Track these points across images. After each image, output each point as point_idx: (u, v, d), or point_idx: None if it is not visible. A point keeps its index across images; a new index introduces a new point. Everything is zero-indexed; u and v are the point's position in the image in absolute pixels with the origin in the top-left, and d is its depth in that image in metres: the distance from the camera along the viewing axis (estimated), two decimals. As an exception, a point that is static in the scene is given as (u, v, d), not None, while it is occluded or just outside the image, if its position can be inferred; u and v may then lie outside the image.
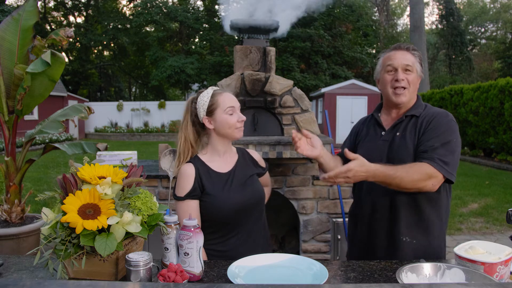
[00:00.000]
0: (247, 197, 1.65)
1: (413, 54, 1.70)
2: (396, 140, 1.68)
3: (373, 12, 30.04)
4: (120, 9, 31.85)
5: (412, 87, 1.69)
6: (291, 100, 3.64)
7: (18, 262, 1.43)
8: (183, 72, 22.99)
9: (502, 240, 4.63)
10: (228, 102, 1.65)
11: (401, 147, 1.64)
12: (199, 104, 1.67)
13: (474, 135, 11.35)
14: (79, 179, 1.27)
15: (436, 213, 1.66)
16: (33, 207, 4.96)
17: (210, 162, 1.68)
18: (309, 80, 21.74)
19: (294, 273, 1.35)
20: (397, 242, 1.66)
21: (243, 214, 1.64)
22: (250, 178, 1.71)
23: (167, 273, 1.21)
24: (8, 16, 3.01)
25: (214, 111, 1.65)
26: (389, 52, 1.75)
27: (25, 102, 2.81)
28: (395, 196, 1.65)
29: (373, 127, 1.81)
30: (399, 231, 1.65)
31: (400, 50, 1.71)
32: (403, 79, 1.67)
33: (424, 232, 1.65)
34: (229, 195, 1.62)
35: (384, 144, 1.71)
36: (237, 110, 1.67)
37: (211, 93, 1.67)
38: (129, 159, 3.07)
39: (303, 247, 3.66)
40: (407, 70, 1.67)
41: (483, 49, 33.46)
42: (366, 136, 1.82)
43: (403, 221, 1.65)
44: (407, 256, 1.63)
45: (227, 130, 1.65)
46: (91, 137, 21.29)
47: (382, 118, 1.80)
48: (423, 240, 1.65)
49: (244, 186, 1.67)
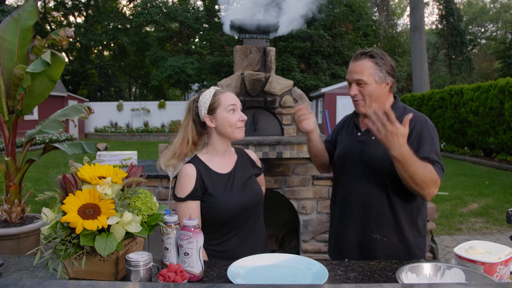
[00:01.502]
0: (247, 198, 1.66)
1: (373, 61, 1.65)
2: (371, 143, 1.70)
3: (373, 12, 30.04)
4: (120, 9, 31.85)
5: (369, 98, 1.67)
6: (291, 100, 3.64)
7: (18, 262, 1.43)
8: (183, 72, 22.99)
9: (502, 240, 4.63)
10: (229, 100, 1.64)
11: (376, 151, 1.66)
12: (200, 102, 1.67)
13: (474, 135, 11.35)
14: (79, 179, 1.27)
15: (408, 213, 1.69)
16: (33, 207, 4.96)
17: (210, 162, 1.68)
18: (309, 80, 21.75)
19: (294, 273, 1.35)
20: (369, 240, 1.70)
21: (243, 215, 1.65)
22: (249, 179, 1.72)
23: (167, 273, 1.21)
24: (8, 16, 3.01)
25: (216, 109, 1.64)
26: (351, 61, 1.73)
27: (25, 102, 2.81)
28: (368, 193, 1.69)
29: (351, 128, 1.85)
30: (371, 228, 1.69)
31: (355, 61, 1.69)
32: (356, 93, 1.69)
33: (395, 231, 1.68)
34: (230, 196, 1.62)
35: (359, 145, 1.74)
36: (238, 109, 1.66)
37: (213, 92, 1.67)
38: (129, 159, 3.07)
39: (303, 247, 3.66)
40: (359, 84, 1.67)
41: (483, 49, 33.47)
42: (345, 135, 1.86)
43: (375, 218, 1.68)
44: (379, 254, 1.67)
45: (227, 129, 1.64)
46: (91, 137, 21.29)
47: (360, 119, 1.82)
48: (394, 238, 1.68)
49: (244, 187, 1.68)
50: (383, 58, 1.67)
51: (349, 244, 1.75)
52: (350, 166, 1.75)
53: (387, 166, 1.60)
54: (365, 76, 1.65)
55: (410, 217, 1.69)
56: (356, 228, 1.73)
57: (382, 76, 1.66)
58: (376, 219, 1.69)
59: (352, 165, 1.75)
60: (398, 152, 1.45)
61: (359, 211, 1.71)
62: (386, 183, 1.66)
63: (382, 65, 1.66)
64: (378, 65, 1.65)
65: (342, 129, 1.92)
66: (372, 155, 1.68)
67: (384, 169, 1.63)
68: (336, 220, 1.84)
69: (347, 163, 1.77)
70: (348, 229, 1.75)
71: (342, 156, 1.81)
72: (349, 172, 1.77)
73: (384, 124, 1.44)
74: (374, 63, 1.65)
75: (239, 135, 1.66)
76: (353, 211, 1.73)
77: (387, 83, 1.68)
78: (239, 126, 1.65)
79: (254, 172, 1.77)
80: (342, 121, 1.97)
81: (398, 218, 1.68)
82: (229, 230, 1.64)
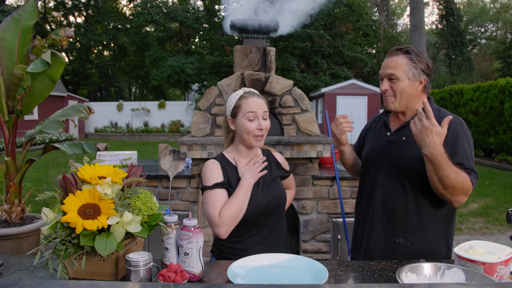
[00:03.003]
0: (270, 199, 1.65)
1: (408, 57, 1.61)
2: (401, 144, 1.66)
3: (373, 12, 30.03)
4: (120, 9, 31.85)
5: (400, 94, 1.62)
6: (291, 100, 3.64)
7: (18, 262, 1.43)
8: (183, 72, 22.99)
9: (502, 240, 4.63)
10: (250, 107, 1.61)
11: (405, 152, 1.62)
12: (228, 103, 1.68)
13: (474, 135, 11.35)
14: (79, 179, 1.27)
15: (436, 220, 1.63)
16: (33, 207, 4.96)
17: (235, 162, 1.68)
18: (309, 80, 21.74)
19: (294, 273, 1.35)
20: (392, 243, 1.66)
21: (264, 215, 1.64)
22: (273, 180, 1.71)
23: (167, 273, 1.21)
24: (8, 16, 3.01)
25: (237, 114, 1.64)
26: (386, 57, 1.70)
27: (25, 102, 2.81)
28: (393, 195, 1.65)
29: (380, 127, 1.80)
30: (394, 232, 1.65)
31: (391, 56, 1.64)
32: (386, 89, 1.64)
33: (420, 236, 1.63)
34: (253, 196, 1.61)
35: (388, 145, 1.70)
36: (259, 117, 1.62)
37: (240, 95, 1.66)
38: (129, 159, 3.07)
39: (303, 247, 3.65)
40: (391, 79, 1.62)
41: (483, 49, 33.47)
42: (373, 135, 1.82)
43: (399, 222, 1.64)
44: (401, 258, 1.62)
45: (244, 136, 1.63)
46: (91, 137, 21.29)
47: (391, 119, 1.77)
48: (419, 244, 1.63)
49: (267, 188, 1.67)
50: (419, 55, 1.62)
51: (372, 246, 1.71)
52: (377, 166, 1.71)
53: (416, 168, 1.56)
54: (398, 71, 1.60)
55: (438, 224, 1.63)
56: (380, 230, 1.68)
57: (416, 73, 1.60)
58: (400, 222, 1.64)
59: (378, 165, 1.70)
60: (430, 151, 1.41)
61: (383, 213, 1.67)
62: (415, 185, 1.60)
63: (417, 62, 1.60)
64: (413, 62, 1.60)
65: (371, 128, 1.88)
66: (401, 155, 1.63)
67: (413, 170, 1.58)
68: (361, 220, 1.79)
69: (373, 162, 1.73)
70: (371, 230, 1.71)
71: (369, 155, 1.77)
72: (375, 172, 1.72)
73: (420, 119, 1.41)
74: (409, 59, 1.60)
75: (256, 143, 1.63)
76: (376, 213, 1.69)
77: (421, 82, 1.62)
78: (257, 134, 1.61)
79: (279, 174, 1.76)
80: (372, 120, 1.93)
81: (424, 224, 1.61)
82: (249, 229, 1.63)
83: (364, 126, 1.96)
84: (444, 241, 1.66)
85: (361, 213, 1.80)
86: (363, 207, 1.79)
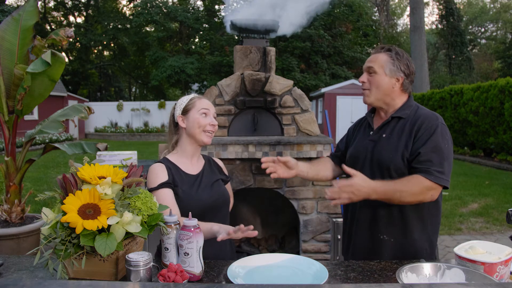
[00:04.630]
0: (215, 197, 1.71)
1: (388, 54, 1.68)
2: (382, 141, 1.69)
3: (373, 12, 30.04)
4: (120, 9, 31.85)
5: (375, 88, 1.68)
6: (291, 100, 3.64)
7: (18, 262, 1.43)
8: (183, 72, 22.98)
9: (502, 240, 4.63)
10: (204, 105, 1.73)
11: (386, 149, 1.66)
12: (178, 104, 1.77)
13: (474, 135, 11.35)
14: (79, 179, 1.27)
15: (418, 215, 1.66)
16: (33, 207, 4.96)
17: (179, 163, 1.73)
18: (309, 80, 21.74)
19: (294, 273, 1.35)
20: (377, 241, 1.69)
21: (209, 213, 1.68)
22: (216, 182, 1.77)
23: (167, 273, 1.21)
24: (8, 16, 3.01)
25: (189, 111, 1.72)
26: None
27: (25, 102, 2.81)
28: None
29: (364, 128, 1.84)
30: (379, 229, 1.68)
31: (374, 53, 1.74)
32: (364, 81, 1.71)
33: (403, 232, 1.66)
34: (197, 194, 1.67)
35: (370, 144, 1.73)
36: (211, 115, 1.73)
37: (192, 97, 1.77)
38: (129, 159, 3.06)
39: (303, 247, 3.66)
40: (370, 72, 1.69)
41: (483, 49, 33.47)
42: (358, 135, 1.86)
43: (383, 219, 1.67)
44: (386, 256, 1.66)
45: (196, 130, 1.70)
46: (91, 137, 21.29)
47: (374, 118, 1.82)
48: (402, 240, 1.66)
49: (211, 188, 1.73)
50: (400, 54, 1.69)
51: (358, 243, 1.75)
52: (361, 165, 1.73)
53: (396, 163, 1.61)
54: (376, 65, 1.67)
55: (421, 220, 1.66)
56: (365, 228, 1.71)
57: (393, 70, 1.66)
58: (384, 219, 1.67)
59: (362, 164, 1.74)
60: (374, 195, 1.51)
61: (368, 210, 1.70)
62: (385, 177, 1.64)
63: (396, 60, 1.67)
64: (392, 59, 1.67)
65: (356, 129, 1.92)
66: (381, 152, 1.67)
67: (393, 167, 1.62)
68: (349, 219, 1.82)
69: (358, 161, 1.76)
70: (357, 229, 1.74)
71: (354, 154, 1.80)
72: (360, 170, 1.70)
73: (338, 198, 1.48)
74: (389, 56, 1.68)
75: (206, 139, 1.71)
76: (361, 211, 1.72)
77: (398, 79, 1.67)
78: (208, 129, 1.71)
79: (221, 177, 1.82)
80: (358, 121, 1.97)
81: (407, 220, 1.65)
82: None
83: (350, 127, 1.99)
84: (427, 237, 1.68)
85: (348, 212, 1.83)
86: (350, 206, 1.82)
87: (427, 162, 1.55)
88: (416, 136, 1.60)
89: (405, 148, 1.61)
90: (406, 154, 1.60)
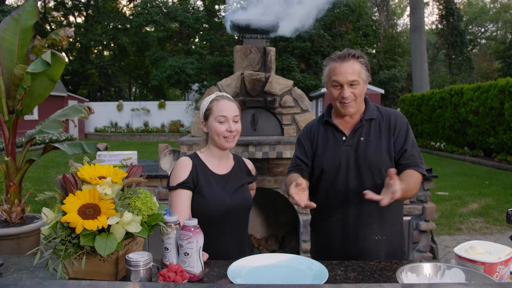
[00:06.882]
0: (237, 202, 1.69)
1: (359, 61, 1.65)
2: (362, 145, 1.68)
3: (373, 12, 30.02)
4: (120, 9, 31.83)
5: (359, 98, 1.68)
6: (291, 100, 3.64)
7: (18, 262, 1.43)
8: (183, 72, 22.98)
9: (502, 240, 4.63)
10: (220, 111, 1.67)
11: (370, 151, 1.66)
12: (201, 106, 1.76)
13: (474, 135, 11.35)
14: (79, 179, 1.27)
15: (399, 210, 1.75)
16: (33, 207, 4.96)
17: (207, 161, 1.72)
18: (309, 80, 21.73)
19: (294, 273, 1.35)
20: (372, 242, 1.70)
21: (230, 217, 1.67)
22: (241, 186, 1.75)
23: (167, 273, 1.21)
24: (8, 16, 3.01)
25: (208, 116, 1.71)
26: (334, 63, 1.66)
27: (25, 102, 2.81)
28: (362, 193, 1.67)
29: (331, 133, 1.75)
30: (374, 231, 1.69)
31: (345, 62, 1.63)
32: (349, 95, 1.64)
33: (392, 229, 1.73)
34: (220, 196, 1.65)
35: (349, 149, 1.69)
36: (229, 120, 1.67)
37: (212, 98, 1.72)
38: (129, 159, 3.07)
39: (303, 247, 3.65)
40: (352, 85, 1.64)
41: (483, 49, 33.46)
42: (326, 143, 1.75)
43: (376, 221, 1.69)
44: (381, 253, 1.70)
45: (215, 137, 1.69)
46: (91, 137, 21.29)
47: (337, 122, 1.75)
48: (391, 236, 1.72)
49: (235, 192, 1.71)
50: (364, 57, 1.69)
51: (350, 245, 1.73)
52: (345, 172, 1.69)
53: (384, 162, 1.65)
54: (358, 77, 1.64)
55: (401, 216, 1.76)
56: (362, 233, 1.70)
57: (367, 75, 1.69)
58: (377, 220, 1.69)
59: (346, 171, 1.69)
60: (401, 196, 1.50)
61: (362, 214, 1.69)
62: (376, 179, 1.66)
63: (365, 64, 1.68)
64: (364, 65, 1.68)
65: (317, 138, 1.78)
66: (366, 155, 1.66)
67: (383, 167, 1.64)
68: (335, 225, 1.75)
69: (339, 169, 1.69)
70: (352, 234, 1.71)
71: (331, 164, 1.71)
72: (345, 178, 1.69)
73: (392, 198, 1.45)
74: (361, 63, 1.66)
75: (227, 144, 1.69)
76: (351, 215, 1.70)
77: (368, 82, 1.72)
78: (226, 135, 1.67)
79: (247, 181, 1.81)
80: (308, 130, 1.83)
81: (395, 217, 1.73)
82: (211, 228, 1.63)
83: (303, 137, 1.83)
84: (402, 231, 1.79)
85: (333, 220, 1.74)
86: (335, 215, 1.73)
87: (412, 157, 1.65)
88: (394, 134, 1.67)
89: (389, 147, 1.67)
90: (391, 153, 1.67)
